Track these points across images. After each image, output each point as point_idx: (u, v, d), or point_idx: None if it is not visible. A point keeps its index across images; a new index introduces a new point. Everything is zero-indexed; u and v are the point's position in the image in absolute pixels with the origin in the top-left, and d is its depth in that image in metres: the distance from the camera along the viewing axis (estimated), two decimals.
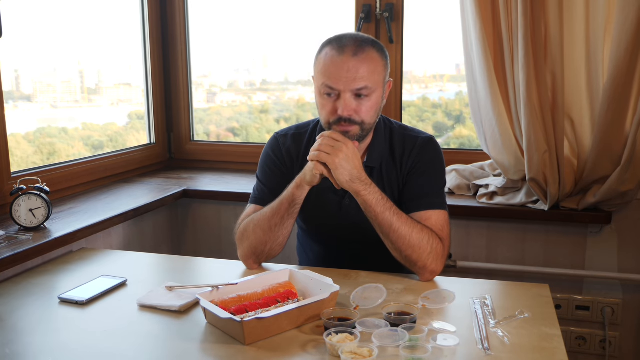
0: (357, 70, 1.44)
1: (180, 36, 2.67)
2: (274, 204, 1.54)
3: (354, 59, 1.44)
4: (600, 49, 1.87)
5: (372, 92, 1.47)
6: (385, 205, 1.44)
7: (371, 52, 1.47)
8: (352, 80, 1.44)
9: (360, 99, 1.46)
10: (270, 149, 1.69)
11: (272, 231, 1.53)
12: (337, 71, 1.44)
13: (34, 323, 1.28)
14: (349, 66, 1.43)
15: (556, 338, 1.18)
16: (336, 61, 1.44)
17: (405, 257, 1.46)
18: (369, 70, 1.45)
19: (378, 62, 1.48)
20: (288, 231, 1.55)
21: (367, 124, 1.50)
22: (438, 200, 1.56)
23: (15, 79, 2.20)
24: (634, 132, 1.83)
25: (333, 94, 1.47)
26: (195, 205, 2.45)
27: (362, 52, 1.45)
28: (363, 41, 1.47)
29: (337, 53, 1.45)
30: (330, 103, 1.48)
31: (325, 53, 1.48)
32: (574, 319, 2.14)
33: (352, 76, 1.43)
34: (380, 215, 1.44)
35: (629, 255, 2.07)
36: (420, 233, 1.45)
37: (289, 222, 1.54)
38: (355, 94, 1.46)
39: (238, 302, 1.28)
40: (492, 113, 1.98)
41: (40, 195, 1.70)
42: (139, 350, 1.17)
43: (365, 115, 1.48)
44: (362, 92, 1.45)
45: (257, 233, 1.54)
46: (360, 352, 1.06)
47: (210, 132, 2.89)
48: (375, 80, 1.46)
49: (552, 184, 1.94)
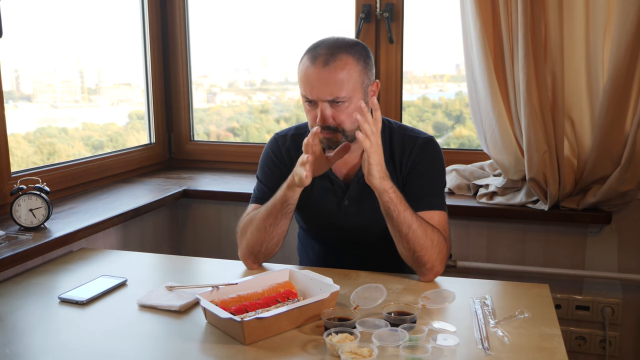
0: (327, 81, 1.43)
1: (180, 36, 2.67)
2: (268, 204, 1.54)
3: (325, 69, 1.42)
4: (600, 49, 1.87)
5: (347, 99, 1.45)
6: (405, 204, 1.44)
7: (344, 58, 1.44)
8: (323, 92, 1.44)
9: (338, 106, 1.46)
10: (270, 149, 1.69)
11: (266, 231, 1.53)
12: (309, 82, 1.45)
13: (34, 323, 1.28)
14: (319, 77, 1.43)
15: (556, 338, 1.18)
16: (309, 72, 1.45)
17: (417, 258, 1.46)
18: (340, 80, 1.43)
19: (352, 68, 1.44)
20: (283, 231, 1.55)
21: (348, 131, 1.49)
22: (438, 200, 1.56)
23: (16, 78, 2.20)
24: (634, 132, 1.83)
25: (312, 102, 1.48)
26: (195, 205, 2.45)
27: (333, 61, 1.43)
28: (337, 47, 1.45)
29: (310, 63, 1.45)
30: (312, 111, 1.49)
31: (302, 62, 1.49)
32: (573, 319, 2.14)
33: (322, 87, 1.43)
34: (402, 214, 1.43)
35: (629, 255, 2.07)
36: (432, 233, 1.46)
37: (283, 222, 1.54)
38: (331, 102, 1.45)
39: (238, 302, 1.28)
40: (492, 113, 1.98)
41: (41, 195, 1.70)
42: (139, 350, 1.17)
43: (345, 122, 1.47)
44: (337, 100, 1.45)
45: (253, 233, 1.55)
46: (360, 352, 1.06)
47: (210, 132, 2.89)
48: (349, 88, 1.44)
49: (552, 184, 1.94)
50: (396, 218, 1.44)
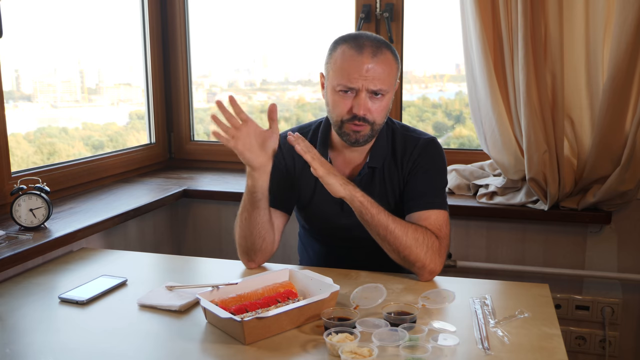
0: (376, 71, 1.45)
1: (180, 36, 2.67)
2: (242, 199, 1.54)
3: (374, 59, 1.45)
4: (600, 49, 1.87)
5: (386, 94, 1.48)
6: (378, 207, 1.45)
7: (388, 54, 1.48)
8: (371, 81, 1.44)
9: (374, 99, 1.48)
10: None
11: (244, 225, 1.53)
12: (356, 70, 1.44)
13: (34, 323, 1.28)
14: (368, 67, 1.44)
15: (556, 338, 1.18)
16: (355, 60, 1.45)
17: (404, 258, 1.46)
18: (385, 73, 1.46)
19: (393, 66, 1.49)
20: (264, 223, 1.53)
21: (377, 125, 1.51)
22: (438, 200, 1.56)
23: (16, 78, 2.20)
24: (634, 132, 1.83)
25: (349, 92, 1.47)
26: (195, 205, 2.45)
27: (380, 53, 1.46)
28: (381, 43, 1.48)
29: (356, 52, 1.45)
30: (345, 101, 1.48)
31: (342, 51, 1.48)
32: (573, 319, 2.14)
33: (370, 76, 1.44)
34: (376, 216, 1.44)
35: (628, 255, 2.07)
36: (415, 232, 1.45)
37: (257, 213, 1.51)
38: (371, 93, 1.47)
39: (238, 302, 1.28)
40: (492, 113, 1.98)
41: (41, 195, 1.70)
42: (139, 350, 1.17)
43: (377, 116, 1.49)
44: (378, 92, 1.46)
45: (236, 229, 1.57)
46: (360, 352, 1.06)
47: (210, 132, 2.89)
48: (390, 83, 1.48)
49: (552, 183, 1.94)
50: (370, 221, 1.45)
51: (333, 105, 1.51)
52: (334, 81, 1.49)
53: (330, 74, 1.51)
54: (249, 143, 1.47)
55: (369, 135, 1.51)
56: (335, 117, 1.51)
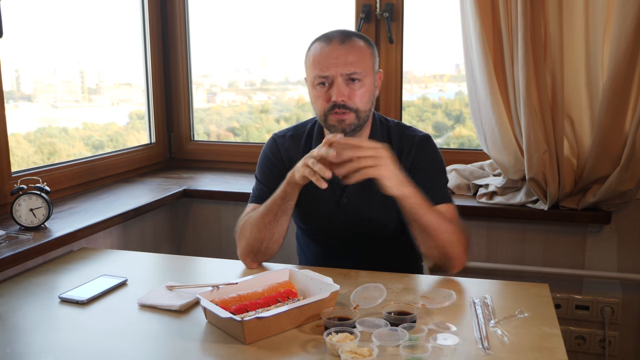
0: (346, 56, 1.48)
1: (180, 36, 2.67)
2: (268, 201, 1.55)
3: (342, 46, 1.49)
4: (599, 49, 1.87)
5: (363, 77, 1.50)
6: (427, 204, 1.44)
7: (357, 41, 1.52)
8: (342, 65, 1.48)
9: (352, 85, 1.49)
10: (269, 150, 1.70)
11: (266, 228, 1.53)
12: (326, 59, 1.49)
13: (34, 322, 1.28)
14: (338, 53, 1.48)
15: (556, 337, 1.18)
16: (325, 50, 1.50)
17: (444, 254, 1.48)
18: (357, 57, 1.49)
19: (365, 50, 1.52)
20: (283, 229, 1.56)
21: (362, 111, 1.52)
22: (445, 193, 1.59)
23: (16, 78, 2.20)
24: (634, 132, 1.83)
25: (326, 83, 1.50)
26: (195, 205, 2.45)
27: (349, 40, 1.51)
28: (351, 33, 1.54)
29: (325, 43, 1.51)
30: (324, 92, 1.51)
31: (314, 47, 1.54)
32: (573, 319, 2.14)
33: (341, 61, 1.48)
34: (424, 216, 1.43)
35: (628, 255, 2.07)
36: (452, 226, 1.48)
37: (283, 219, 1.54)
38: (348, 79, 1.49)
39: (238, 302, 1.28)
40: (491, 113, 1.98)
41: (41, 195, 1.70)
42: (139, 350, 1.17)
43: (359, 101, 1.50)
44: (354, 77, 1.48)
45: (252, 231, 1.55)
46: (360, 352, 1.06)
47: (210, 132, 2.89)
48: (364, 66, 1.50)
49: (552, 183, 1.94)
50: (418, 220, 1.45)
51: (314, 99, 1.54)
52: (311, 76, 1.53)
53: (307, 71, 1.55)
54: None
55: (356, 124, 1.52)
56: (319, 111, 1.54)
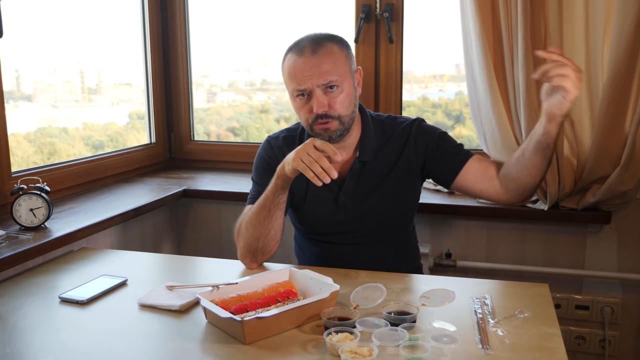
0: (319, 66, 1.48)
1: (180, 36, 2.67)
2: (260, 198, 1.55)
3: (314, 56, 1.49)
4: (599, 49, 1.87)
5: (341, 83, 1.50)
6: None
7: (329, 46, 1.52)
8: (317, 76, 1.48)
9: (331, 92, 1.50)
10: (264, 151, 1.72)
11: (261, 225, 1.53)
12: (301, 72, 1.49)
13: (34, 322, 1.28)
14: (311, 64, 1.48)
15: (556, 337, 1.18)
16: (298, 64, 1.50)
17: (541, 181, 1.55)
18: (330, 64, 1.49)
19: (338, 54, 1.52)
20: (278, 224, 1.56)
21: (344, 117, 1.53)
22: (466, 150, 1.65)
23: (16, 78, 2.20)
24: (633, 132, 1.83)
25: (305, 94, 1.51)
26: (195, 205, 2.45)
27: (320, 48, 1.50)
28: (321, 38, 1.53)
29: (297, 56, 1.51)
30: (305, 104, 1.52)
31: (287, 60, 1.55)
32: (573, 319, 2.14)
33: (315, 73, 1.48)
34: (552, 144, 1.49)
35: (628, 255, 2.07)
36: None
37: (277, 214, 1.54)
38: (325, 88, 1.49)
39: (238, 302, 1.28)
40: (491, 113, 1.99)
41: (41, 195, 1.70)
42: (139, 350, 1.17)
43: (340, 108, 1.51)
44: (332, 84, 1.49)
45: (248, 229, 1.56)
46: (360, 352, 1.06)
47: (210, 132, 2.90)
48: (340, 72, 1.50)
49: (552, 183, 1.94)
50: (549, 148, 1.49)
51: (297, 111, 1.56)
52: (289, 88, 1.55)
53: (286, 83, 1.56)
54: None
55: (341, 130, 1.53)
56: (304, 122, 1.56)
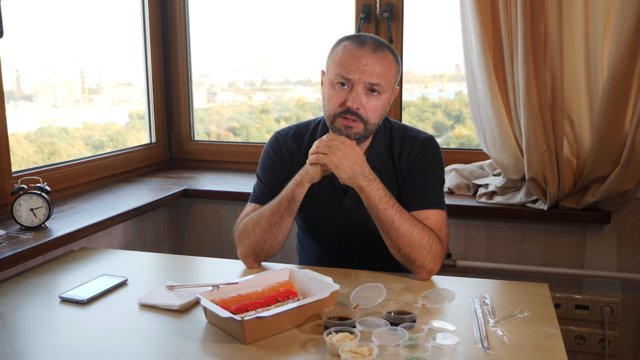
0: (374, 65, 1.47)
1: (180, 36, 2.67)
2: (273, 202, 1.54)
3: (373, 55, 1.47)
4: (599, 49, 1.87)
5: (383, 91, 1.49)
6: (388, 202, 1.45)
7: (388, 54, 1.51)
8: (369, 74, 1.46)
9: (370, 96, 1.49)
10: (271, 148, 1.69)
11: (271, 230, 1.53)
12: (354, 62, 1.47)
13: (34, 322, 1.28)
14: (367, 60, 1.46)
15: (555, 337, 1.18)
16: (355, 53, 1.47)
17: (404, 255, 1.47)
18: (384, 69, 1.48)
19: (393, 65, 1.51)
20: (287, 229, 1.56)
21: (370, 124, 1.51)
22: (437, 199, 1.56)
23: (16, 78, 2.20)
24: (633, 132, 1.84)
25: (346, 85, 1.48)
26: (195, 205, 2.45)
27: (381, 51, 1.49)
28: (383, 43, 1.52)
29: (357, 47, 1.48)
30: (341, 94, 1.49)
31: (344, 45, 1.51)
32: (573, 318, 2.14)
33: (368, 70, 1.46)
34: (382, 212, 1.44)
35: (628, 255, 2.07)
36: (421, 232, 1.45)
37: (289, 220, 1.54)
38: (368, 89, 1.48)
39: (238, 301, 1.28)
40: (491, 113, 1.99)
41: (41, 194, 1.70)
42: (139, 350, 1.17)
43: (372, 114, 1.50)
44: (375, 88, 1.47)
45: (256, 232, 1.55)
46: (360, 351, 1.07)
47: (210, 132, 2.90)
48: (387, 81, 1.49)
49: (552, 183, 1.94)
50: (376, 215, 1.46)
51: (328, 98, 1.52)
52: (332, 74, 1.51)
53: (329, 67, 1.53)
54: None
55: (362, 135, 1.51)
56: (329, 111, 1.52)
